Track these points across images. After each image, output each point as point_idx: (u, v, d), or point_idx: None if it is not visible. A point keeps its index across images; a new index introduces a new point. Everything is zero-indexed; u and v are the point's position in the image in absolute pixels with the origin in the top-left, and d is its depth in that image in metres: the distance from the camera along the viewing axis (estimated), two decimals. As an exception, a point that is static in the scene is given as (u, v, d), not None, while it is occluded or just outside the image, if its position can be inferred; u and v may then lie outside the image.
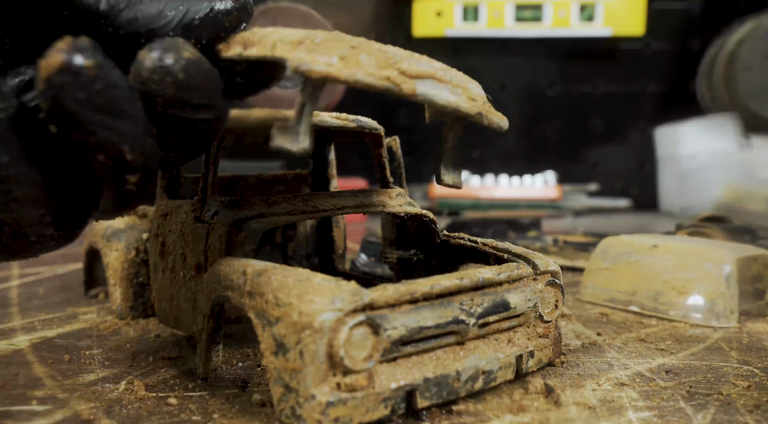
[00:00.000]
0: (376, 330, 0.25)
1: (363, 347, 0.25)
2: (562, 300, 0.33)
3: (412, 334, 0.27)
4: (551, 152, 1.50)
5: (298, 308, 0.24)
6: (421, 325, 0.27)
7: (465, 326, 0.29)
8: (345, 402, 0.25)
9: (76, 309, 0.50)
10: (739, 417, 0.28)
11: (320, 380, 0.24)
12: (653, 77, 1.48)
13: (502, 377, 0.30)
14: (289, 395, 0.25)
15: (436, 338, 0.28)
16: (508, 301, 0.31)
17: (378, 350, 0.25)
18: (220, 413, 0.29)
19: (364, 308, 0.25)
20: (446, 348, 0.29)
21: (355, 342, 0.25)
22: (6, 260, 0.27)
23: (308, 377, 0.24)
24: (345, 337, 0.24)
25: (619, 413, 0.29)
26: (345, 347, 0.24)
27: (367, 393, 0.25)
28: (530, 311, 0.32)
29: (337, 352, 0.24)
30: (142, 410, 0.29)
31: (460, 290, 0.29)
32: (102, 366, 0.36)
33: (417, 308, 0.27)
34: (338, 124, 0.38)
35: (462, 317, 0.28)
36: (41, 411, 0.29)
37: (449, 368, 0.28)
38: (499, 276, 0.31)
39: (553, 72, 1.47)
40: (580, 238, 0.84)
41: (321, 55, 0.24)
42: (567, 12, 1.36)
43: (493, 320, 0.30)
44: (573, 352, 0.38)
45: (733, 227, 0.65)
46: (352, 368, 0.25)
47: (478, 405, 0.29)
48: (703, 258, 0.46)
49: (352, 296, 0.25)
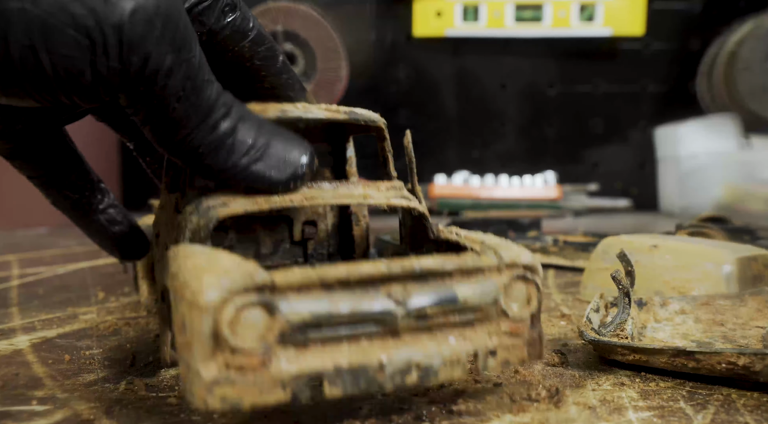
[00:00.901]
0: (272, 312, 0.24)
1: (255, 328, 0.24)
2: (536, 296, 0.30)
3: (319, 320, 0.25)
4: (551, 152, 1.50)
5: (192, 286, 0.24)
6: (332, 311, 0.25)
7: (391, 317, 0.26)
8: (233, 382, 0.24)
9: (76, 309, 0.50)
10: (740, 417, 0.28)
11: (206, 358, 0.24)
12: (653, 77, 1.48)
13: (447, 374, 0.28)
14: (187, 372, 0.25)
15: (356, 326, 0.26)
16: (455, 293, 0.28)
17: (273, 333, 0.24)
18: (220, 413, 0.29)
19: (259, 288, 0.24)
20: (372, 339, 0.27)
21: (245, 323, 0.24)
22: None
23: (196, 354, 0.24)
24: (230, 316, 0.24)
25: (619, 413, 0.29)
26: (232, 326, 0.24)
27: (260, 375, 0.24)
28: (489, 306, 0.29)
29: (221, 331, 0.24)
30: (142, 410, 0.29)
31: (388, 277, 0.27)
32: (102, 366, 0.36)
33: (331, 294, 0.26)
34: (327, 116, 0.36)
35: (388, 307, 0.26)
36: (41, 411, 0.29)
37: (370, 358, 0.26)
38: (444, 266, 0.28)
39: (553, 72, 1.47)
40: (580, 238, 0.84)
41: None
42: (567, 12, 1.36)
43: (434, 313, 0.28)
44: (573, 352, 0.38)
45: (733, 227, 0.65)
46: (240, 347, 0.24)
47: (478, 405, 0.30)
48: (703, 258, 0.46)
49: (243, 277, 0.24)
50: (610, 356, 0.34)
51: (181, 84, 0.26)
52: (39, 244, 0.92)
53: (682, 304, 0.41)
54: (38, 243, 0.93)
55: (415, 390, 0.31)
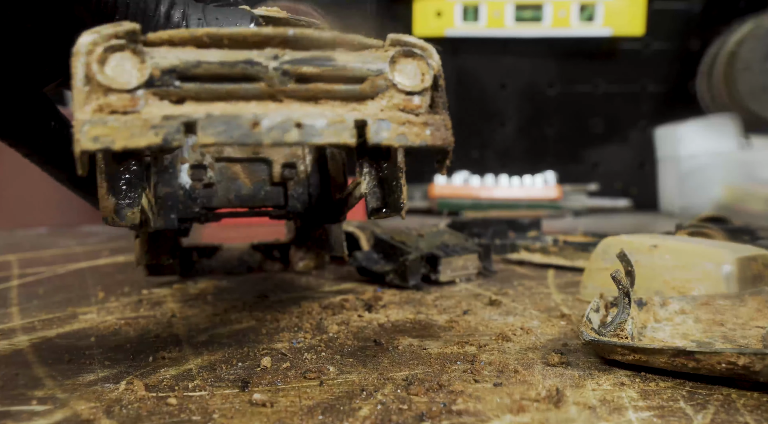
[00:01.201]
0: (141, 57, 0.26)
1: (124, 70, 0.26)
2: (429, 72, 0.29)
3: (188, 67, 0.26)
4: (551, 152, 1.50)
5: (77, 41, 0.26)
6: (200, 59, 0.26)
7: (263, 70, 0.27)
8: (105, 123, 0.25)
9: (76, 309, 0.50)
10: (740, 417, 0.28)
11: (82, 103, 0.25)
12: (653, 77, 1.48)
13: (331, 136, 0.27)
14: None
15: (229, 81, 0.27)
16: (333, 57, 0.27)
17: (143, 75, 0.26)
18: (220, 413, 0.29)
19: (128, 34, 0.26)
20: (250, 98, 0.27)
21: (115, 66, 0.25)
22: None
23: (76, 101, 0.26)
24: (98, 56, 0.25)
25: (619, 413, 0.29)
26: (100, 65, 0.25)
27: (132, 118, 0.25)
28: (374, 76, 0.28)
29: (90, 71, 0.25)
30: (142, 410, 0.29)
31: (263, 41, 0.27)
32: (102, 366, 0.36)
33: (202, 48, 0.27)
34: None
35: (258, 60, 0.27)
36: (41, 411, 0.29)
37: (245, 111, 0.26)
38: (321, 35, 0.28)
39: (553, 72, 1.48)
40: (580, 238, 0.84)
41: None
42: (567, 12, 1.36)
43: (313, 75, 0.27)
44: (573, 352, 0.38)
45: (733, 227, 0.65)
46: (108, 85, 0.25)
47: (478, 405, 0.30)
48: (703, 258, 0.46)
49: (113, 26, 0.26)
50: (610, 356, 0.34)
51: None
52: (39, 244, 0.92)
53: (681, 304, 0.41)
54: (38, 243, 0.93)
55: (416, 390, 0.31)
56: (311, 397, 0.31)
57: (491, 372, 0.34)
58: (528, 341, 0.40)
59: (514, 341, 0.40)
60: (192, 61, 0.26)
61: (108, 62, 0.25)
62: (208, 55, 0.26)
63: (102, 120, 0.25)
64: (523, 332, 0.42)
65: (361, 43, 0.29)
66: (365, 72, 0.28)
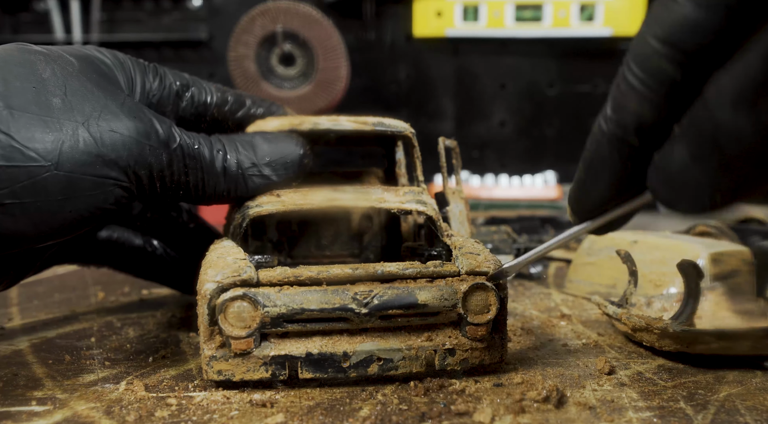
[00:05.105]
0: (255, 305, 0.30)
1: (241, 317, 0.30)
2: (496, 304, 0.32)
3: (293, 313, 0.30)
4: (551, 152, 1.50)
5: (201, 279, 0.31)
6: (304, 307, 0.30)
7: (354, 314, 0.31)
8: (226, 359, 0.30)
9: (76, 309, 0.50)
10: (740, 417, 0.29)
11: (207, 339, 0.31)
12: (653, 77, 1.48)
13: (406, 368, 0.32)
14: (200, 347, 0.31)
15: (325, 321, 0.31)
16: (416, 297, 0.31)
17: (256, 322, 0.30)
18: (220, 413, 0.29)
19: (244, 283, 0.30)
20: (341, 333, 0.31)
21: (235, 312, 0.30)
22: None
23: (202, 335, 0.31)
24: (222, 305, 0.30)
25: (619, 413, 0.29)
26: (223, 314, 0.30)
27: (247, 356, 0.30)
28: (448, 310, 0.32)
29: (214, 316, 0.30)
30: (142, 410, 0.29)
31: (354, 279, 0.31)
32: (102, 366, 0.36)
33: (304, 291, 0.31)
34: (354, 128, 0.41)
35: (351, 306, 0.31)
36: (41, 411, 0.29)
37: (337, 348, 0.31)
38: (405, 271, 0.32)
39: (553, 72, 1.48)
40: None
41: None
42: (567, 12, 1.36)
43: (396, 314, 0.31)
44: (573, 352, 0.38)
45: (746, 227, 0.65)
46: (229, 333, 0.30)
47: (478, 405, 0.30)
48: (679, 253, 0.46)
49: (232, 272, 0.30)
50: (692, 347, 0.35)
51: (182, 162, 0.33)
52: (39, 244, 0.91)
53: (662, 302, 0.42)
54: (38, 243, 0.92)
55: (416, 391, 0.31)
56: (311, 397, 0.31)
57: (491, 372, 0.34)
58: (528, 342, 0.40)
59: (514, 342, 0.40)
60: (297, 309, 0.30)
61: (228, 310, 0.30)
62: (310, 301, 0.30)
63: (224, 357, 0.31)
64: (524, 332, 0.42)
65: (435, 272, 0.32)
66: (440, 307, 0.32)
